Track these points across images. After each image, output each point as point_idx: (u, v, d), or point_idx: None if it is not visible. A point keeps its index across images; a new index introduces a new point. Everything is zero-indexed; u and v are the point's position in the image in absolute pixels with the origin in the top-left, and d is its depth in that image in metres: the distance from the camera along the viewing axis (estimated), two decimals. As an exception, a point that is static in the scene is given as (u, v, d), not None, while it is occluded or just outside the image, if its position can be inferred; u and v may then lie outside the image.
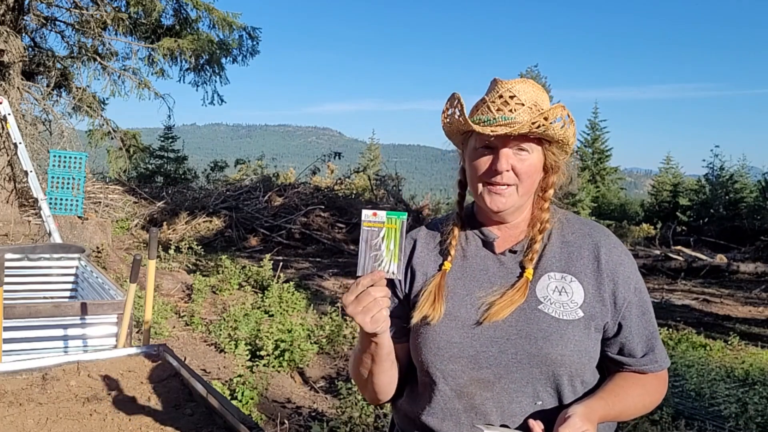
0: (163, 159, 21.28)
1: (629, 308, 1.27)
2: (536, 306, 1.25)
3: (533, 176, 1.28)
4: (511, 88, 1.26)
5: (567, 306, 1.25)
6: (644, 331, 1.28)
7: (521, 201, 1.30)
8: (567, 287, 1.26)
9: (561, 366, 1.22)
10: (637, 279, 1.30)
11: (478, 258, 1.34)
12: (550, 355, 1.22)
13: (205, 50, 12.80)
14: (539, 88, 1.29)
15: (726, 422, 4.26)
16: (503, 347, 1.24)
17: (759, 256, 14.39)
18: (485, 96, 1.30)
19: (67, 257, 4.80)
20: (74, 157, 9.61)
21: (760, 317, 8.81)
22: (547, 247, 1.31)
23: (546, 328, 1.23)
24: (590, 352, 1.25)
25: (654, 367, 1.29)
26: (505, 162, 1.24)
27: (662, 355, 1.31)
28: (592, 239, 1.31)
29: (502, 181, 1.25)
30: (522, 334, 1.24)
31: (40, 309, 3.20)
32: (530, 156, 1.26)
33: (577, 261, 1.29)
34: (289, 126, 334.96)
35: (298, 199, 14.68)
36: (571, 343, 1.22)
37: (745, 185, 21.86)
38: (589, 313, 1.24)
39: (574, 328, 1.23)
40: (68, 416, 1.83)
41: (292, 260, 11.52)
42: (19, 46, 10.33)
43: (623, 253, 1.31)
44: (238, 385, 4.27)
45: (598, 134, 28.51)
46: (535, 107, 1.25)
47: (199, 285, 7.49)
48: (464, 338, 1.27)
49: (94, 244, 9.23)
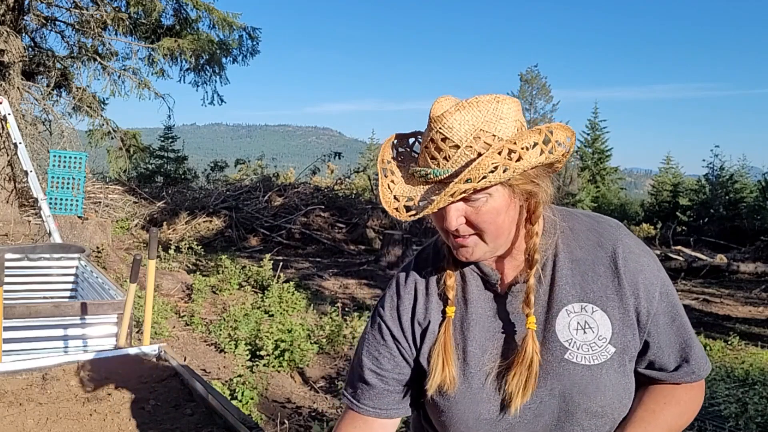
0: (163, 159, 21.27)
1: (655, 320, 1.09)
2: (562, 356, 1.07)
3: (497, 221, 1.04)
4: (441, 127, 0.99)
5: (595, 346, 1.07)
6: (676, 340, 1.11)
7: (495, 245, 1.08)
8: (590, 320, 1.07)
9: (603, 416, 1.08)
10: (662, 281, 1.11)
11: (482, 302, 1.14)
12: (591, 409, 1.07)
13: (205, 50, 12.80)
14: (490, 103, 1.00)
15: (726, 422, 4.26)
16: (538, 411, 1.08)
17: (759, 256, 14.39)
18: (423, 133, 1.06)
19: (67, 257, 4.80)
20: (74, 157, 9.61)
21: (760, 317, 8.81)
22: (557, 273, 1.10)
23: (579, 381, 1.06)
24: (629, 389, 1.11)
25: (690, 378, 1.13)
26: (454, 219, 1.02)
27: (699, 364, 1.13)
28: (605, 250, 1.10)
29: (460, 234, 1.05)
30: (554, 393, 1.07)
31: (40, 309, 3.20)
32: (487, 201, 1.02)
33: (594, 283, 1.09)
34: (289, 126, 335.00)
35: (298, 199, 14.68)
36: (609, 390, 1.06)
37: (745, 185, 21.85)
38: (621, 345, 1.08)
39: (609, 370, 1.07)
40: (68, 416, 1.83)
41: (292, 260, 11.52)
42: (19, 46, 10.33)
43: (641, 255, 1.11)
44: (238, 385, 4.27)
45: (598, 134, 28.49)
46: (478, 142, 0.98)
47: (199, 285, 7.49)
48: (493, 413, 1.09)
49: (94, 244, 9.23)
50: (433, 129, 1.01)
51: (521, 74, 28.45)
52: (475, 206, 1.02)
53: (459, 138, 0.99)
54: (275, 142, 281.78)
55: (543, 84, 28.55)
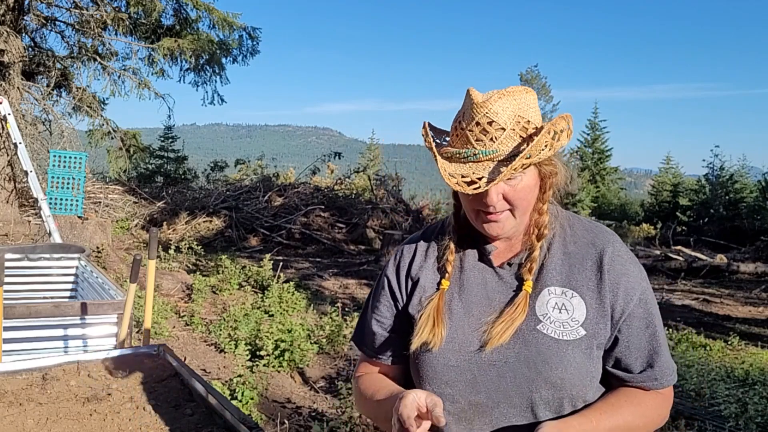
0: (163, 159, 21.26)
1: (629, 321, 1.19)
2: (535, 326, 1.18)
3: (528, 197, 1.20)
4: (488, 111, 1.13)
5: (567, 325, 1.17)
6: (645, 345, 1.20)
7: (521, 221, 1.22)
8: (567, 303, 1.19)
9: (561, 389, 1.16)
10: (644, 290, 1.21)
11: (476, 272, 1.27)
12: (550, 378, 1.15)
13: (205, 50, 12.80)
14: (521, 93, 1.16)
15: (726, 422, 4.26)
16: (501, 371, 1.18)
17: (759, 256, 14.39)
18: (462, 121, 1.18)
19: (67, 257, 4.80)
20: (74, 157, 9.61)
21: (760, 317, 8.81)
22: (548, 258, 1.23)
23: (545, 351, 1.16)
24: (592, 372, 1.19)
25: (652, 384, 1.21)
26: (495, 196, 1.16)
27: (664, 373, 1.22)
28: (596, 249, 1.22)
29: (496, 210, 1.18)
30: (520, 357, 1.17)
31: (40, 309, 3.20)
32: (522, 180, 1.18)
33: (580, 274, 1.21)
34: (289, 126, 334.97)
35: (298, 199, 14.68)
36: (572, 365, 1.16)
37: (745, 185, 21.85)
38: (591, 330, 1.18)
39: (575, 348, 1.16)
40: (68, 416, 1.83)
41: (292, 260, 11.52)
42: (19, 46, 10.33)
43: (629, 262, 1.22)
44: (238, 385, 4.27)
45: (598, 134, 28.50)
46: (518, 125, 1.14)
47: (199, 285, 7.49)
48: (461, 362, 1.21)
49: (94, 244, 9.24)
50: (478, 113, 1.14)
51: (521, 74, 28.49)
52: (512, 184, 1.17)
53: (504, 121, 1.13)
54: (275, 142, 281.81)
55: (543, 84, 28.57)
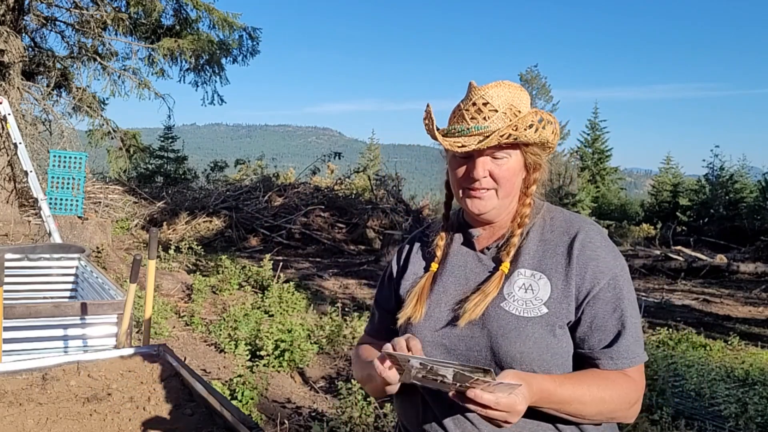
0: (163, 159, 21.27)
1: (593, 303, 1.23)
2: (499, 303, 1.26)
3: (512, 179, 1.30)
4: (484, 94, 1.26)
5: (530, 303, 1.24)
6: (611, 328, 1.22)
7: (502, 203, 1.31)
8: (534, 284, 1.26)
9: (521, 363, 1.21)
10: (615, 275, 1.25)
11: (459, 255, 1.38)
12: (509, 352, 1.22)
13: (205, 50, 12.80)
14: (516, 89, 1.29)
15: (726, 422, 4.26)
16: (469, 344, 1.27)
17: (759, 256, 14.39)
18: (460, 103, 1.31)
19: (67, 257, 4.80)
20: (74, 157, 9.61)
21: (760, 317, 8.81)
22: (524, 244, 1.32)
23: (505, 326, 1.23)
24: (553, 349, 1.22)
25: (609, 363, 1.22)
26: (482, 169, 1.26)
27: (623, 353, 1.22)
28: (569, 235, 1.29)
29: (480, 186, 1.28)
30: (484, 331, 1.25)
31: (40, 309, 3.20)
32: (508, 161, 1.28)
33: (551, 259, 1.28)
34: (289, 126, 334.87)
35: (298, 199, 14.68)
36: (530, 340, 1.21)
37: (745, 185, 21.85)
38: (553, 309, 1.23)
39: (535, 325, 1.22)
40: (68, 416, 1.83)
41: (292, 260, 11.52)
42: (19, 46, 10.33)
43: (601, 248, 1.27)
44: (238, 385, 4.27)
45: (598, 134, 28.50)
46: (510, 111, 1.26)
47: (199, 285, 7.49)
48: (435, 337, 1.30)
49: (94, 244, 9.24)
50: (475, 95, 1.27)
51: (521, 74, 28.43)
52: (498, 163, 1.28)
53: (498, 105, 1.26)
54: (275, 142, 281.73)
55: (543, 84, 28.53)
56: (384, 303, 1.49)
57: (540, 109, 1.30)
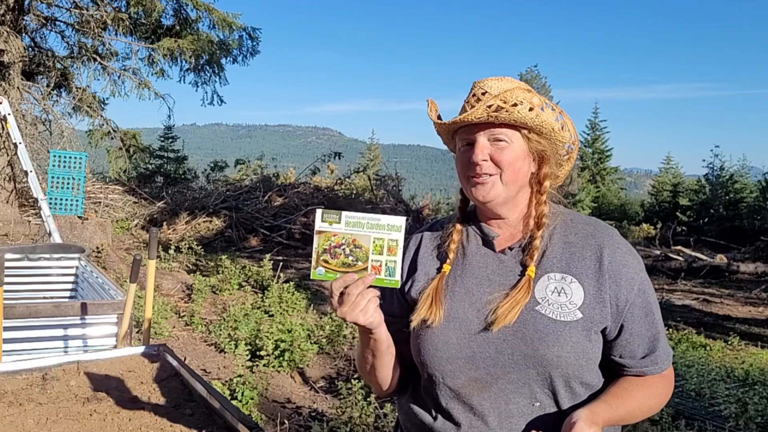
0: (163, 159, 21.26)
1: (632, 310, 1.25)
2: (534, 307, 1.24)
3: (515, 164, 1.27)
4: (484, 85, 1.29)
5: (565, 307, 1.23)
6: (647, 332, 1.26)
7: (508, 191, 1.29)
8: (566, 288, 1.25)
9: (557, 367, 1.21)
10: (642, 280, 1.28)
11: (478, 256, 1.35)
12: (546, 356, 1.21)
13: (205, 50, 12.79)
14: (519, 86, 1.28)
15: (726, 422, 4.26)
16: (500, 348, 1.24)
17: (759, 256, 14.38)
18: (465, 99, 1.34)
19: (67, 257, 4.80)
20: (74, 157, 9.61)
21: (760, 317, 8.81)
22: (549, 247, 1.30)
23: (542, 329, 1.22)
24: (588, 354, 1.24)
25: (653, 369, 1.27)
26: (480, 152, 1.25)
27: (663, 356, 1.28)
28: (596, 240, 1.29)
29: (482, 171, 1.26)
30: (518, 335, 1.23)
31: (40, 309, 3.20)
32: (509, 145, 1.27)
33: (579, 262, 1.27)
34: (289, 126, 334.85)
35: (298, 199, 14.68)
36: (567, 344, 1.21)
37: (745, 185, 21.84)
38: (588, 314, 1.23)
39: (572, 329, 1.22)
40: (68, 416, 1.83)
41: (292, 260, 11.52)
42: (19, 46, 10.33)
43: (628, 254, 1.28)
44: (238, 385, 4.27)
45: (598, 134, 28.49)
46: (508, 102, 1.27)
47: (199, 285, 7.49)
48: (461, 339, 1.27)
49: (94, 244, 9.23)
50: (476, 87, 1.30)
51: (521, 74, 28.41)
52: (498, 146, 1.26)
53: (495, 93, 1.26)
54: (275, 142, 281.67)
55: (543, 84, 28.52)
56: (387, 303, 1.41)
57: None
